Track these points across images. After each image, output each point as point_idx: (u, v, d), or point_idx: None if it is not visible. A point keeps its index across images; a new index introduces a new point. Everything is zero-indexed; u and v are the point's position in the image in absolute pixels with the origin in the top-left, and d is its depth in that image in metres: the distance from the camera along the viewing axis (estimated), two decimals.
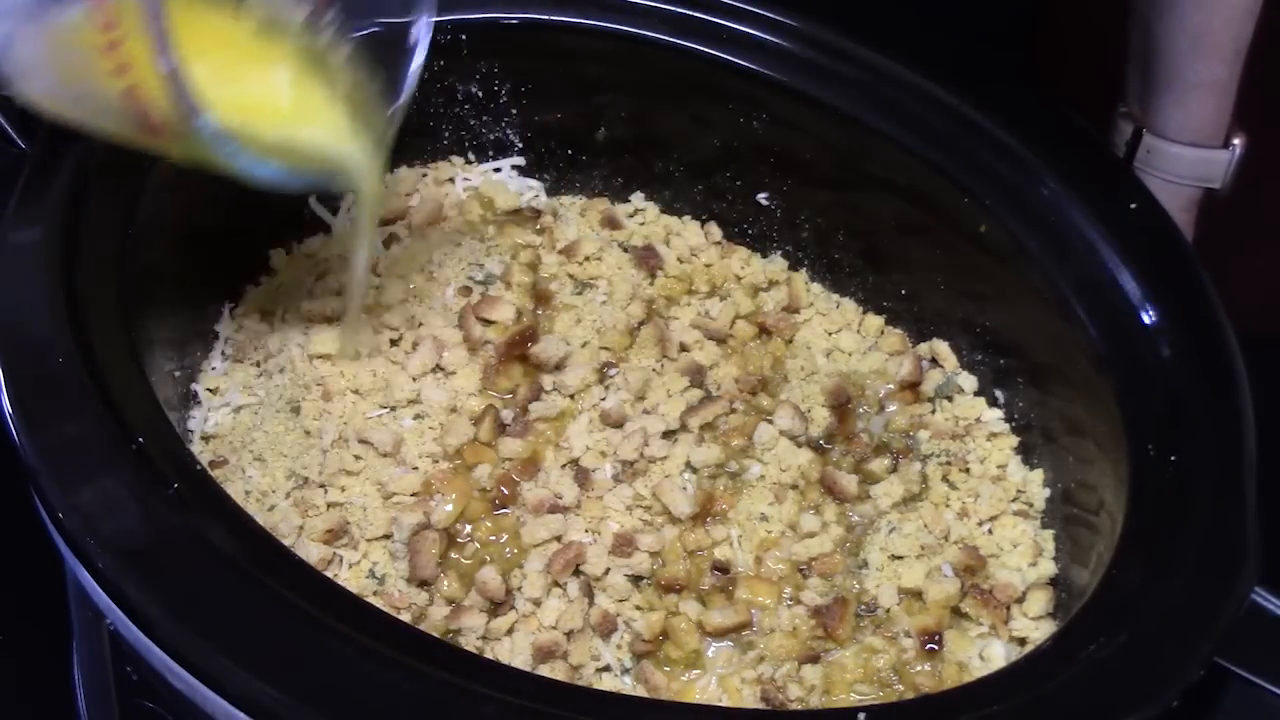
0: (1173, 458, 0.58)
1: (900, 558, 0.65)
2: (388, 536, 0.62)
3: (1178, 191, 0.74)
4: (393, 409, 0.67)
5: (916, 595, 0.64)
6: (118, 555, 0.48)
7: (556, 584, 0.61)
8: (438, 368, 0.69)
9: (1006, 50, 0.90)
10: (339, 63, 0.61)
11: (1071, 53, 0.88)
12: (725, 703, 0.60)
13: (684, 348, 0.72)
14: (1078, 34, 0.91)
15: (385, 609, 0.57)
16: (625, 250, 0.77)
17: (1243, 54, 0.71)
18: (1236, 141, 0.73)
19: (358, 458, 0.65)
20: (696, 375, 0.70)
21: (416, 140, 0.78)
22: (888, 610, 0.63)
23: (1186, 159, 0.74)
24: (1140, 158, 0.75)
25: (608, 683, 0.60)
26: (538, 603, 0.61)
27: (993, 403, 0.72)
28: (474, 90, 0.77)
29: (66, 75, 0.54)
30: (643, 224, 0.80)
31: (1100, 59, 0.77)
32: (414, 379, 0.68)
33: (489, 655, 0.59)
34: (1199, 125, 0.73)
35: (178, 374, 0.67)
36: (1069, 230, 0.67)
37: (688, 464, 0.66)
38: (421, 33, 0.61)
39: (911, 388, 0.73)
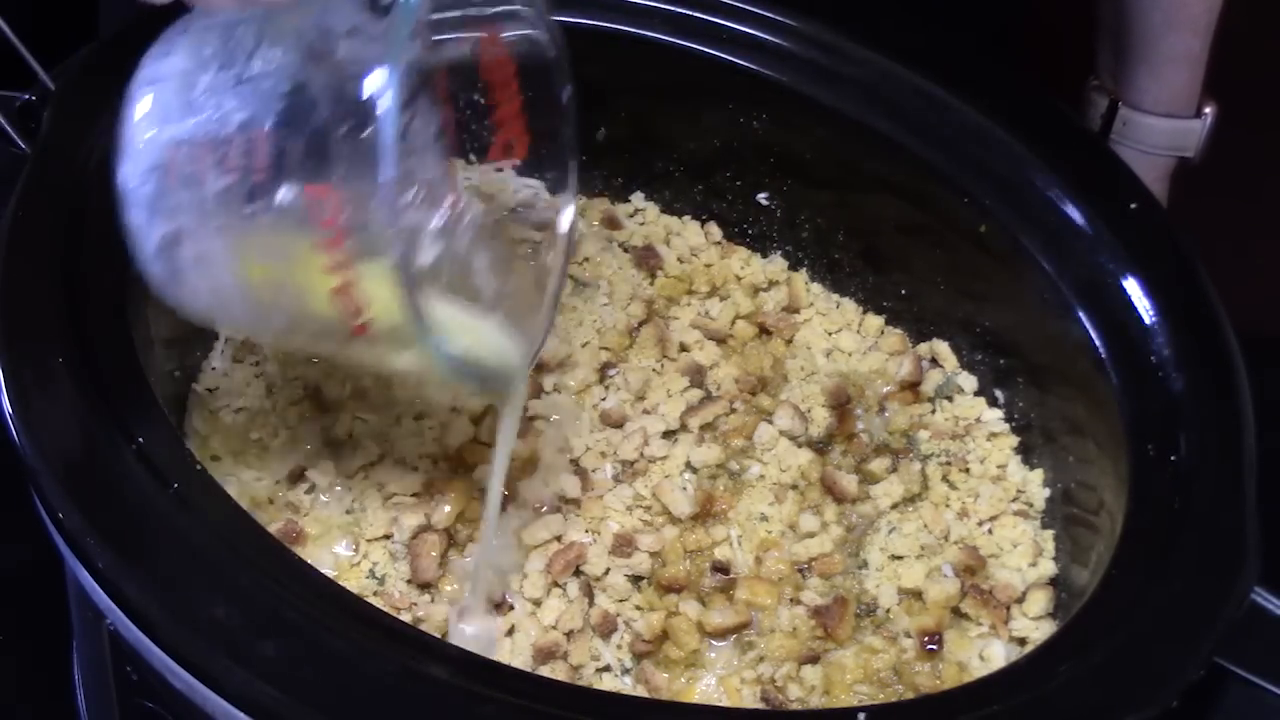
0: (1173, 458, 0.58)
1: (900, 558, 0.65)
2: (388, 537, 0.62)
3: (1154, 162, 0.75)
4: (393, 409, 0.67)
5: (916, 595, 0.64)
6: (117, 555, 0.48)
7: (556, 584, 0.61)
8: None
9: (998, 43, 0.90)
10: (483, 267, 0.58)
11: (1045, 29, 0.89)
12: (725, 703, 0.60)
13: (684, 348, 0.72)
14: (1050, 10, 0.92)
15: (385, 609, 0.57)
16: (625, 250, 0.77)
17: (1214, 25, 0.72)
18: (1208, 110, 0.75)
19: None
20: (696, 375, 0.70)
21: None
22: (888, 610, 0.63)
23: (1162, 129, 0.75)
24: (1116, 130, 0.76)
25: (608, 683, 0.60)
26: (538, 603, 0.61)
27: (993, 403, 0.72)
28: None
29: (257, 274, 0.51)
30: (643, 224, 0.79)
31: (1072, 34, 0.78)
32: (414, 379, 0.68)
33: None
34: (1173, 96, 0.74)
35: (178, 374, 0.67)
36: (1069, 230, 0.67)
37: (688, 464, 0.66)
38: (567, 220, 0.59)
39: (911, 388, 0.73)
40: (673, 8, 0.74)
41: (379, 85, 0.45)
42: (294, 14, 0.48)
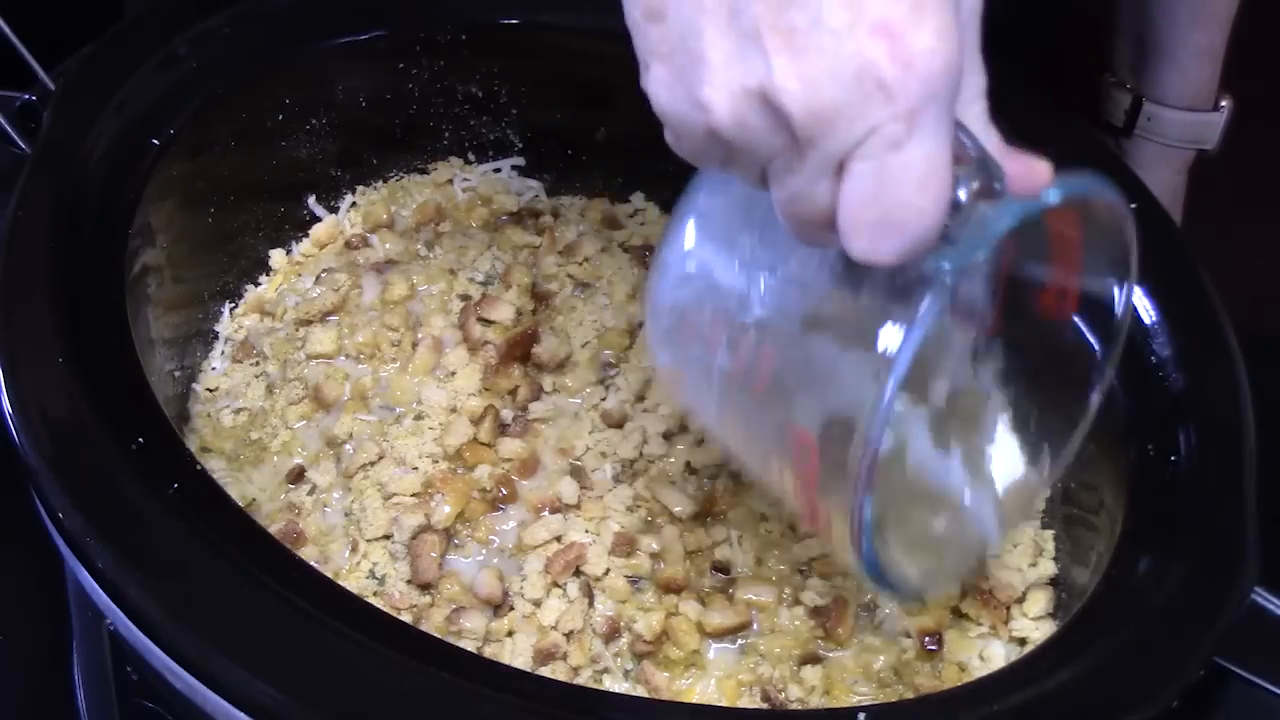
0: (1173, 458, 0.58)
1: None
2: (388, 537, 0.62)
3: (1175, 155, 0.77)
4: (392, 409, 0.67)
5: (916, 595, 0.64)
6: (118, 555, 0.48)
7: (556, 584, 0.61)
8: (438, 368, 0.69)
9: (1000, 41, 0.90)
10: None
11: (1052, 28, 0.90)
12: (725, 703, 0.59)
13: None
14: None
15: (385, 609, 0.57)
16: (625, 250, 0.77)
17: (1232, 19, 0.74)
18: (1224, 103, 0.76)
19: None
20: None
21: (416, 140, 0.78)
22: (888, 610, 0.63)
23: (1184, 123, 0.77)
24: (1141, 125, 0.77)
25: (608, 683, 0.60)
26: (538, 603, 0.61)
27: None
28: (474, 90, 0.77)
29: (738, 441, 0.51)
30: (643, 224, 0.79)
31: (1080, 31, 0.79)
32: (414, 379, 0.68)
33: (489, 656, 0.59)
34: (1197, 91, 0.76)
35: (178, 374, 0.67)
36: None
37: (688, 464, 0.66)
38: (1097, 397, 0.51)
39: None
40: None
41: (885, 389, 0.41)
42: None
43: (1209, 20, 0.73)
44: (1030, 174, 0.43)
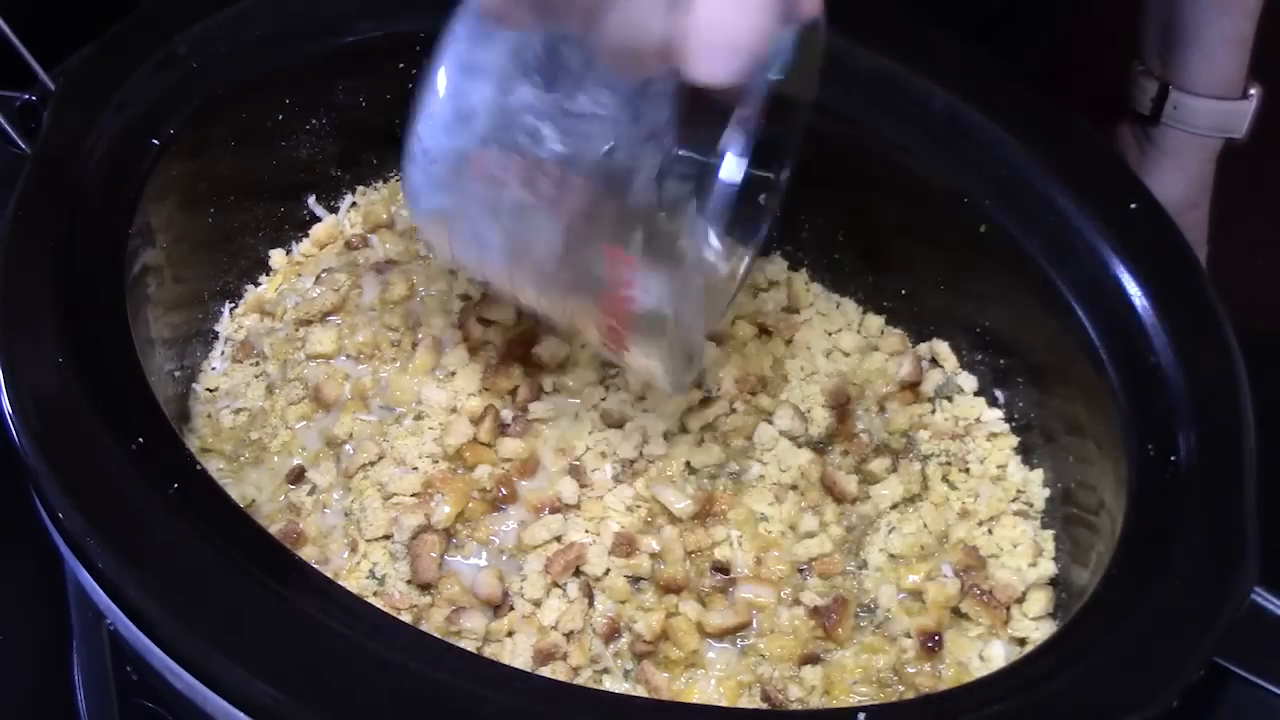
0: (1173, 458, 0.58)
1: (900, 558, 0.65)
2: (388, 537, 0.62)
3: (1203, 143, 0.77)
4: (392, 409, 0.67)
5: (916, 595, 0.64)
6: (118, 555, 0.48)
7: (556, 584, 0.61)
8: (438, 368, 0.69)
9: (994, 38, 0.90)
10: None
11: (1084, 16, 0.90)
12: (725, 703, 0.60)
13: None
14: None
15: (385, 609, 0.57)
16: None
17: (1260, 7, 0.74)
18: (1253, 91, 0.76)
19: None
20: (697, 375, 0.70)
21: None
22: (888, 610, 0.63)
23: (1212, 111, 0.76)
24: (1167, 113, 0.77)
25: (608, 684, 0.60)
26: (538, 603, 0.61)
27: (993, 403, 0.72)
28: None
29: (530, 272, 0.52)
30: None
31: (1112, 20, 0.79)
32: (414, 379, 0.68)
33: (489, 656, 0.59)
34: (1224, 79, 0.76)
35: (178, 374, 0.67)
36: (1069, 230, 0.67)
37: (688, 464, 0.66)
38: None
39: (911, 388, 0.73)
40: None
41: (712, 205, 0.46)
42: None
43: (1236, 7, 0.73)
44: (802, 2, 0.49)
